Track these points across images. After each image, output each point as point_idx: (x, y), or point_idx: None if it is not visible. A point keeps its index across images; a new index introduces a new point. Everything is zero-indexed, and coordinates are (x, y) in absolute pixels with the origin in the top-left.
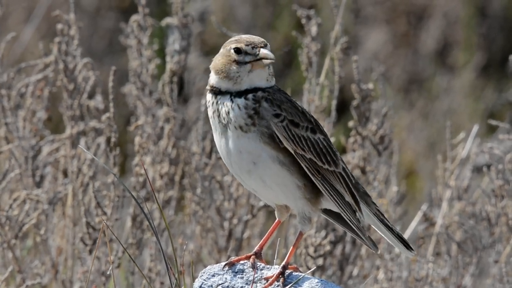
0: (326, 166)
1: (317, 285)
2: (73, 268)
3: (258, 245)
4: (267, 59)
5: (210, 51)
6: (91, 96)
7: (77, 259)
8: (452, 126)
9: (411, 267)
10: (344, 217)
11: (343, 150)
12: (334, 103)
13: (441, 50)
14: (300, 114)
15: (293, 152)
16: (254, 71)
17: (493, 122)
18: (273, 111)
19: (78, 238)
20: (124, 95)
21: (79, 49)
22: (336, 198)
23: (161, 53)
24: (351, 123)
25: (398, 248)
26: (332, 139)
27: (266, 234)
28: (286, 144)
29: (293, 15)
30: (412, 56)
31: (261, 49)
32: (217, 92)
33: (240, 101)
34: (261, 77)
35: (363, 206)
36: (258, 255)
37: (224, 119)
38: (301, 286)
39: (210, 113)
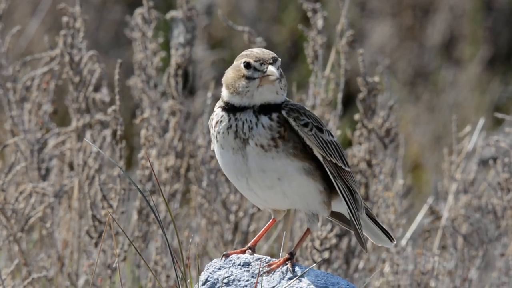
0: (345, 168)
1: (323, 278)
2: (79, 261)
3: (253, 240)
4: (273, 76)
5: (216, 44)
6: (96, 89)
7: (83, 252)
8: (458, 119)
9: (417, 261)
10: (350, 216)
11: (349, 143)
12: (340, 96)
13: (447, 43)
14: (318, 119)
15: (321, 159)
16: (263, 86)
17: (499, 115)
18: (302, 121)
19: (84, 231)
20: (129, 87)
21: (85, 42)
22: (348, 198)
23: (166, 46)
24: (357, 116)
25: (379, 242)
26: (338, 133)
27: (261, 231)
28: (317, 152)
29: (299, 8)
30: (418, 49)
31: (269, 66)
32: (231, 108)
33: (265, 120)
34: (271, 91)
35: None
36: (252, 249)
37: (244, 134)
38: (307, 280)
39: (221, 129)
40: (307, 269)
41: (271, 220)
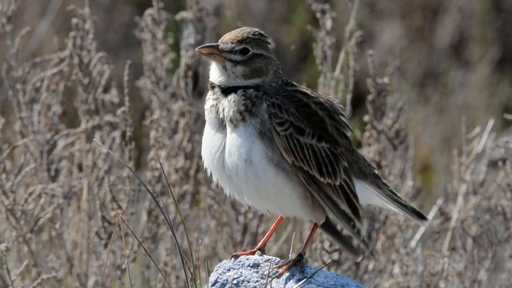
0: (324, 179)
1: (332, 279)
2: (88, 262)
3: (262, 241)
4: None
5: None
6: (106, 90)
7: (92, 253)
8: (468, 120)
9: (427, 262)
10: (339, 224)
11: (359, 145)
12: (349, 97)
13: (457, 44)
14: (305, 119)
15: (290, 163)
16: (213, 64)
17: (509, 117)
18: (278, 119)
19: (93, 232)
20: (139, 89)
21: (94, 43)
22: (330, 208)
23: (176, 47)
24: (366, 118)
25: (414, 221)
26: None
27: (269, 231)
28: (284, 155)
29: (308, 9)
30: (427, 50)
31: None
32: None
33: (231, 96)
34: (216, 70)
35: (375, 190)
36: (262, 250)
37: (220, 114)
38: (316, 280)
39: (207, 107)
40: (316, 271)
41: (278, 218)
